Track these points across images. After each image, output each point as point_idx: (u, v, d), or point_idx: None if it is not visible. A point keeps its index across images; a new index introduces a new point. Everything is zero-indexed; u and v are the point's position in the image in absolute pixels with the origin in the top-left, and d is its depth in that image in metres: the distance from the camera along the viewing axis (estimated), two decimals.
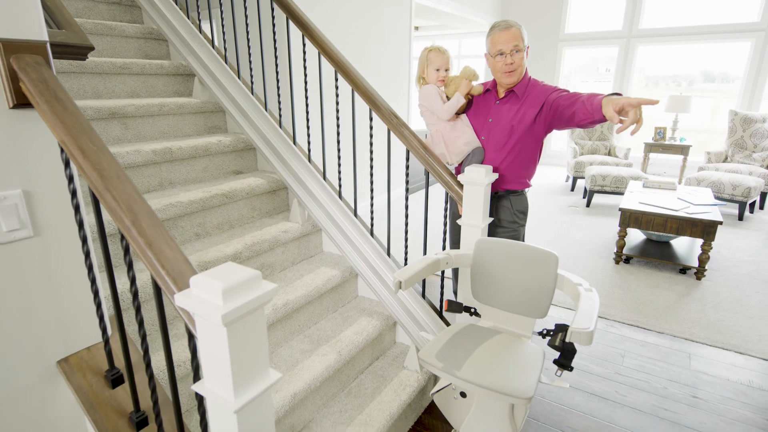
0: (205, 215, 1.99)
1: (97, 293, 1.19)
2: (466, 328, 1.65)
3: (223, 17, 2.38)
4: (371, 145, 2.05)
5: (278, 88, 2.23)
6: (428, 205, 2.01)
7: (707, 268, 3.44)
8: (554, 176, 6.72)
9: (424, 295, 2.06)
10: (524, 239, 2.10)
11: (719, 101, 6.66)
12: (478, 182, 1.72)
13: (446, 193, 1.94)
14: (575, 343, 1.22)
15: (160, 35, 2.57)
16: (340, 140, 2.13)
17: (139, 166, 1.94)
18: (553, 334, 1.45)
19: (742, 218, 4.65)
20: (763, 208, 5.10)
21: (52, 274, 1.15)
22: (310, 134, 2.21)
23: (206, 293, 0.72)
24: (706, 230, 3.19)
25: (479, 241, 1.69)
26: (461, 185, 1.81)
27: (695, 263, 3.37)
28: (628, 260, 3.64)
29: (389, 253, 2.12)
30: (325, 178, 2.24)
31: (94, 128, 0.98)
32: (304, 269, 2.13)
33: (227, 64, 2.40)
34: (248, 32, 2.29)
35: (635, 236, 3.97)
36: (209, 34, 2.52)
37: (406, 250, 2.07)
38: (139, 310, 0.97)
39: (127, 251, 0.94)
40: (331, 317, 2.07)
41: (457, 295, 2.04)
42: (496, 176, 1.80)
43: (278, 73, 2.26)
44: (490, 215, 1.97)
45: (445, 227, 2.05)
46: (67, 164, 1.06)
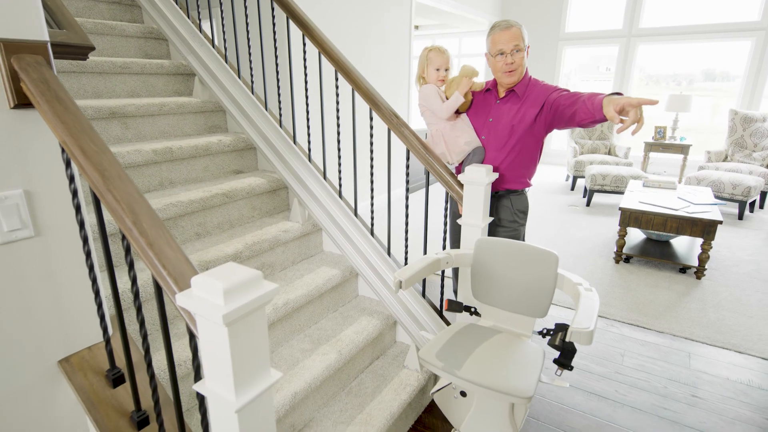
0: (205, 215, 2.00)
1: (98, 293, 1.19)
2: (466, 327, 1.65)
3: (223, 17, 2.38)
4: (371, 144, 2.06)
5: (278, 87, 2.24)
6: (428, 204, 2.01)
7: (707, 267, 3.44)
8: (554, 175, 6.72)
9: (424, 294, 2.07)
10: (524, 239, 2.10)
11: (719, 100, 6.66)
12: (478, 182, 1.73)
13: (446, 192, 1.95)
14: (575, 342, 1.22)
15: (160, 35, 2.57)
16: (340, 140, 2.13)
17: (139, 165, 1.94)
18: (553, 333, 1.45)
19: (742, 217, 4.66)
20: (763, 207, 5.10)
21: (53, 273, 1.15)
22: (310, 134, 2.21)
23: (207, 293, 0.72)
24: (706, 229, 3.19)
25: (479, 240, 1.69)
26: (461, 185, 1.81)
27: (695, 262, 3.37)
28: (628, 259, 3.64)
29: (389, 252, 2.12)
30: (325, 177, 2.24)
31: (94, 128, 0.98)
32: (304, 269, 2.13)
33: (227, 63, 2.40)
34: (248, 32, 2.29)
35: (635, 235, 3.97)
36: (209, 33, 2.52)
37: (406, 249, 2.07)
38: (140, 310, 0.98)
39: (128, 251, 0.95)
40: (331, 316, 2.07)
41: (457, 294, 2.04)
42: (496, 176, 1.80)
43: (278, 72, 2.26)
44: (490, 215, 1.97)
45: (445, 227, 2.05)
46: (68, 164, 1.06)
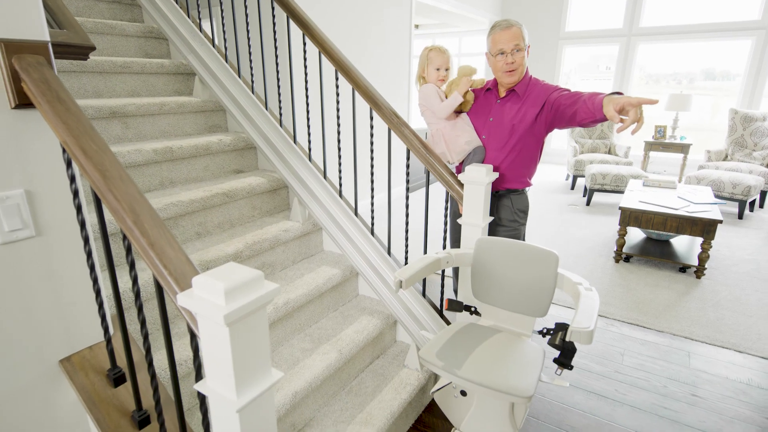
0: (205, 214, 2.00)
1: (98, 292, 1.20)
2: (466, 326, 1.66)
3: (223, 16, 2.38)
4: (372, 144, 2.06)
5: (279, 87, 2.24)
6: (429, 203, 2.01)
7: (707, 266, 3.45)
8: (554, 175, 6.72)
9: (424, 293, 2.07)
10: (525, 238, 2.11)
11: (720, 99, 6.65)
12: (478, 181, 1.73)
13: (447, 192, 1.95)
14: (575, 342, 1.22)
15: (160, 34, 2.57)
16: (340, 139, 2.13)
17: (140, 165, 1.94)
18: (553, 332, 1.45)
19: (741, 217, 4.66)
20: (763, 206, 5.10)
21: (54, 273, 1.15)
22: (310, 133, 2.21)
23: (208, 293, 0.72)
24: (705, 229, 3.19)
25: (480, 240, 1.69)
26: (462, 184, 1.81)
27: (695, 262, 3.37)
28: (627, 259, 3.64)
29: (390, 252, 2.12)
30: (325, 177, 2.24)
31: (95, 128, 0.98)
32: (304, 268, 2.14)
33: (227, 63, 2.40)
34: (248, 31, 2.29)
35: (635, 235, 3.97)
36: (209, 32, 2.52)
37: (406, 248, 2.07)
38: (141, 309, 0.98)
39: (129, 251, 0.95)
40: (331, 316, 2.08)
41: (457, 293, 2.04)
42: (496, 175, 1.80)
43: (278, 71, 2.26)
44: (490, 214, 1.98)
45: (445, 226, 2.05)
46: (68, 164, 1.06)
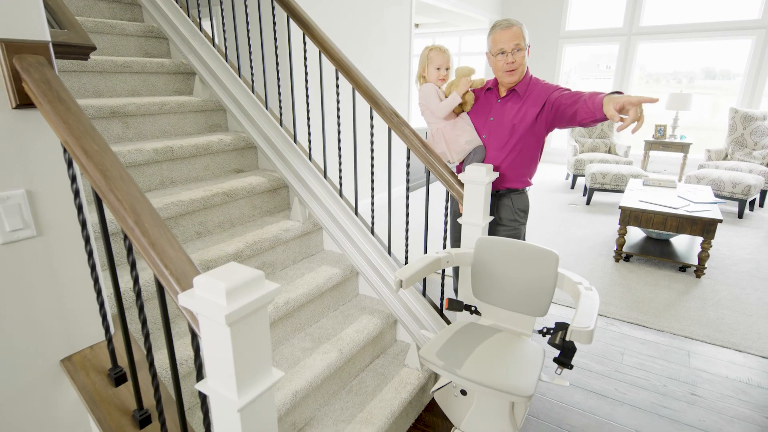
0: (206, 214, 2.00)
1: (99, 292, 1.20)
2: (466, 326, 1.66)
3: (223, 15, 2.38)
4: (372, 143, 2.06)
5: (279, 86, 2.24)
6: (429, 203, 2.01)
7: (707, 266, 3.45)
8: (554, 174, 6.72)
9: (424, 293, 2.07)
10: (525, 237, 2.11)
11: (720, 98, 6.65)
12: (478, 181, 1.73)
13: (447, 191, 1.95)
14: (575, 341, 1.22)
15: (160, 33, 2.57)
16: (340, 138, 2.13)
17: (140, 164, 1.95)
18: (553, 332, 1.46)
19: (741, 216, 4.66)
20: (762, 206, 5.10)
21: (55, 273, 1.15)
22: (310, 132, 2.21)
23: (210, 293, 0.73)
24: (705, 228, 3.19)
25: (480, 239, 1.69)
26: (462, 184, 1.81)
27: (695, 261, 3.37)
28: (627, 258, 3.64)
29: (390, 251, 2.12)
30: (325, 176, 2.24)
31: (96, 128, 0.98)
32: (305, 268, 2.14)
33: (228, 62, 2.40)
34: (249, 30, 2.28)
35: (635, 234, 3.97)
36: (209, 32, 2.52)
37: (406, 248, 2.07)
38: (142, 309, 0.98)
39: (130, 251, 0.95)
40: (332, 315, 2.08)
41: (457, 293, 2.04)
42: (496, 175, 1.80)
43: (279, 71, 2.26)
44: (491, 213, 1.98)
45: (445, 225, 2.05)
46: (69, 164, 1.06)
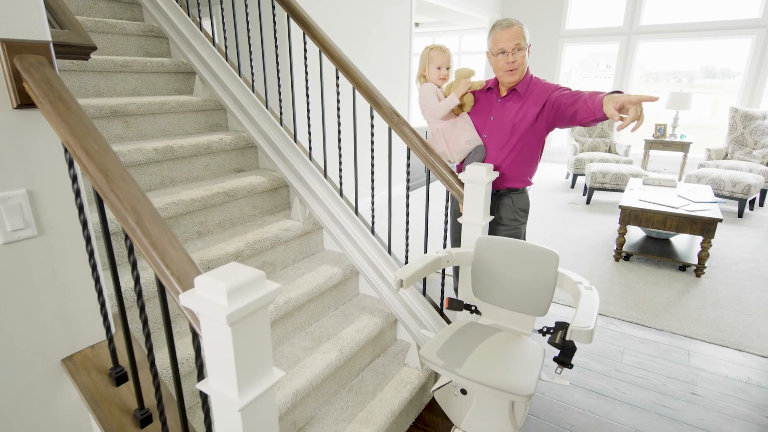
0: (206, 213, 2.00)
1: (100, 292, 1.20)
2: (466, 325, 1.66)
3: (223, 15, 2.38)
4: (372, 143, 2.06)
5: (279, 85, 2.23)
6: (429, 202, 2.01)
7: (707, 265, 3.45)
8: (554, 173, 6.72)
9: (425, 292, 2.07)
10: (525, 237, 2.11)
11: (720, 97, 6.65)
12: (479, 181, 1.73)
13: (447, 190, 1.95)
14: (575, 341, 1.23)
15: (160, 33, 2.56)
16: (341, 138, 2.14)
17: (140, 164, 1.95)
18: (553, 331, 1.46)
19: (741, 215, 4.66)
20: (762, 205, 5.10)
21: (56, 273, 1.16)
22: (311, 132, 2.21)
23: (211, 293, 0.73)
24: (705, 228, 3.19)
25: (480, 239, 1.69)
26: (462, 183, 1.81)
27: (695, 260, 3.37)
28: (627, 257, 3.64)
29: (390, 250, 2.12)
30: (326, 176, 2.24)
31: (97, 128, 0.98)
32: (305, 267, 2.14)
33: (228, 61, 2.40)
34: (249, 30, 2.28)
35: (635, 233, 3.97)
36: (210, 31, 2.52)
37: (407, 247, 2.07)
38: (143, 309, 0.98)
39: (131, 251, 0.95)
40: (332, 315, 2.08)
41: (457, 292, 2.05)
42: (496, 175, 1.80)
43: (279, 70, 2.26)
44: (491, 213, 1.98)
45: (446, 225, 2.05)
46: (70, 164, 1.07)
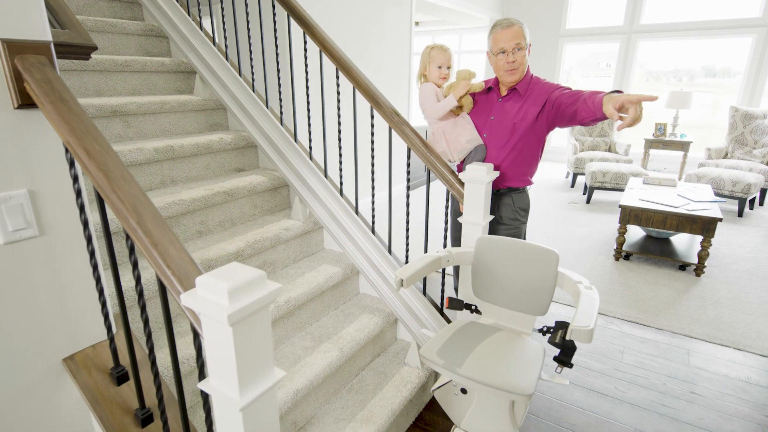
0: (207, 213, 2.00)
1: (101, 291, 1.20)
2: (467, 325, 1.66)
3: (223, 14, 2.38)
4: (372, 142, 2.06)
5: (279, 85, 2.23)
6: (429, 202, 2.01)
7: (707, 264, 3.45)
8: (554, 172, 6.72)
9: (425, 292, 2.08)
10: (525, 236, 2.11)
11: (720, 96, 6.65)
12: (479, 180, 1.73)
13: (447, 190, 1.95)
14: (575, 340, 1.23)
15: (160, 32, 2.56)
16: (341, 137, 2.14)
17: (141, 164, 1.95)
18: (553, 331, 1.46)
19: (741, 215, 4.66)
20: (762, 204, 5.11)
21: (57, 272, 1.16)
22: (311, 132, 2.21)
23: (212, 293, 0.73)
24: (705, 227, 3.20)
25: (480, 238, 1.70)
26: (462, 183, 1.81)
27: (695, 260, 3.38)
28: (627, 257, 3.65)
29: (390, 250, 2.13)
30: (326, 175, 2.24)
31: (97, 128, 0.98)
32: (305, 266, 2.14)
33: (228, 61, 2.40)
34: (249, 29, 2.28)
35: (635, 233, 3.98)
36: (210, 31, 2.52)
37: (407, 247, 2.08)
38: (144, 309, 0.98)
39: (132, 251, 0.95)
40: (332, 314, 2.09)
41: (458, 292, 2.05)
42: (497, 174, 1.80)
43: (279, 70, 2.26)
44: (491, 212, 1.98)
45: (446, 224, 2.06)
46: (71, 164, 1.07)
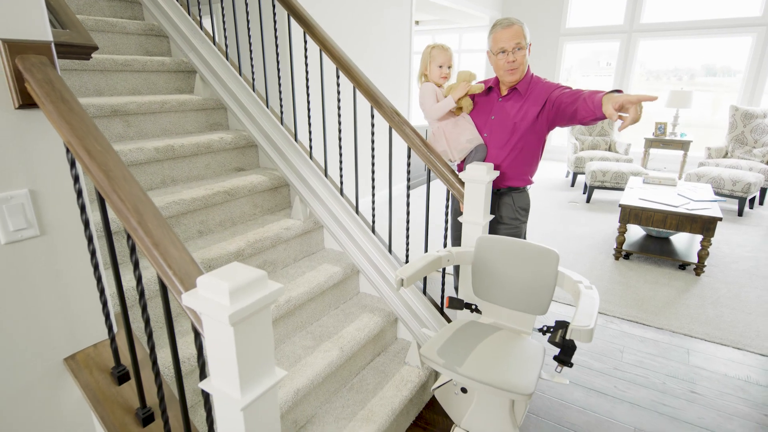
0: (207, 212, 2.00)
1: (102, 291, 1.21)
2: (467, 324, 1.67)
3: (224, 14, 2.38)
4: (372, 142, 2.06)
5: (279, 84, 2.23)
6: (429, 202, 2.02)
7: (706, 264, 3.46)
8: (554, 172, 6.72)
9: (425, 291, 2.08)
10: (525, 236, 2.11)
11: (720, 96, 6.65)
12: (479, 180, 1.73)
13: (448, 189, 1.95)
14: (575, 340, 1.23)
15: (161, 32, 2.56)
16: (341, 137, 2.14)
17: (141, 163, 1.95)
18: (553, 330, 1.46)
19: (741, 214, 4.66)
20: (762, 203, 5.11)
21: (58, 272, 1.16)
22: (311, 131, 2.21)
23: (213, 293, 0.73)
24: (705, 226, 3.20)
25: (480, 238, 1.70)
26: (463, 182, 1.81)
27: (695, 259, 3.38)
28: (627, 256, 3.65)
29: (390, 249, 2.13)
30: (326, 174, 2.24)
31: (98, 128, 0.99)
32: (306, 266, 2.14)
33: (228, 60, 2.40)
34: (249, 28, 2.28)
35: (635, 232, 3.98)
36: (210, 30, 2.52)
37: (407, 246, 2.08)
38: (145, 309, 0.99)
39: (133, 250, 0.95)
40: (333, 314, 2.09)
41: (458, 291, 2.05)
42: (497, 174, 1.80)
43: (279, 69, 2.26)
44: (491, 212, 1.98)
45: (446, 224, 2.06)
46: (72, 164, 1.07)
